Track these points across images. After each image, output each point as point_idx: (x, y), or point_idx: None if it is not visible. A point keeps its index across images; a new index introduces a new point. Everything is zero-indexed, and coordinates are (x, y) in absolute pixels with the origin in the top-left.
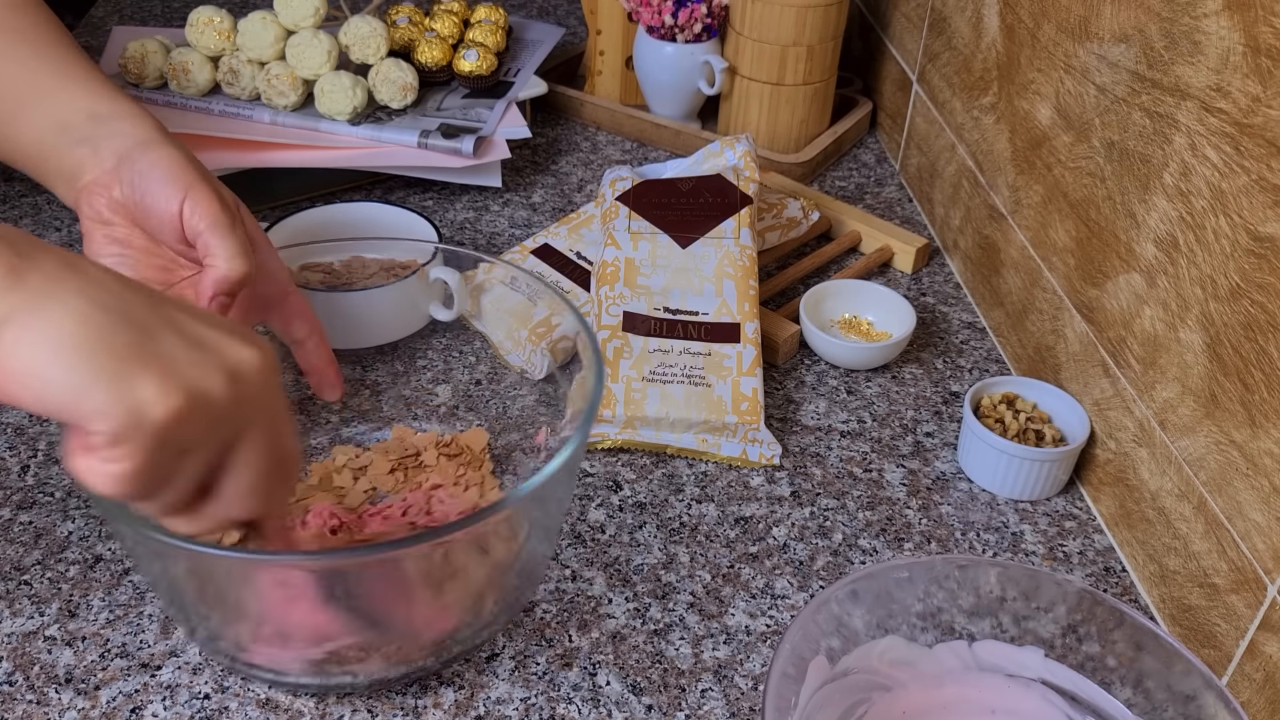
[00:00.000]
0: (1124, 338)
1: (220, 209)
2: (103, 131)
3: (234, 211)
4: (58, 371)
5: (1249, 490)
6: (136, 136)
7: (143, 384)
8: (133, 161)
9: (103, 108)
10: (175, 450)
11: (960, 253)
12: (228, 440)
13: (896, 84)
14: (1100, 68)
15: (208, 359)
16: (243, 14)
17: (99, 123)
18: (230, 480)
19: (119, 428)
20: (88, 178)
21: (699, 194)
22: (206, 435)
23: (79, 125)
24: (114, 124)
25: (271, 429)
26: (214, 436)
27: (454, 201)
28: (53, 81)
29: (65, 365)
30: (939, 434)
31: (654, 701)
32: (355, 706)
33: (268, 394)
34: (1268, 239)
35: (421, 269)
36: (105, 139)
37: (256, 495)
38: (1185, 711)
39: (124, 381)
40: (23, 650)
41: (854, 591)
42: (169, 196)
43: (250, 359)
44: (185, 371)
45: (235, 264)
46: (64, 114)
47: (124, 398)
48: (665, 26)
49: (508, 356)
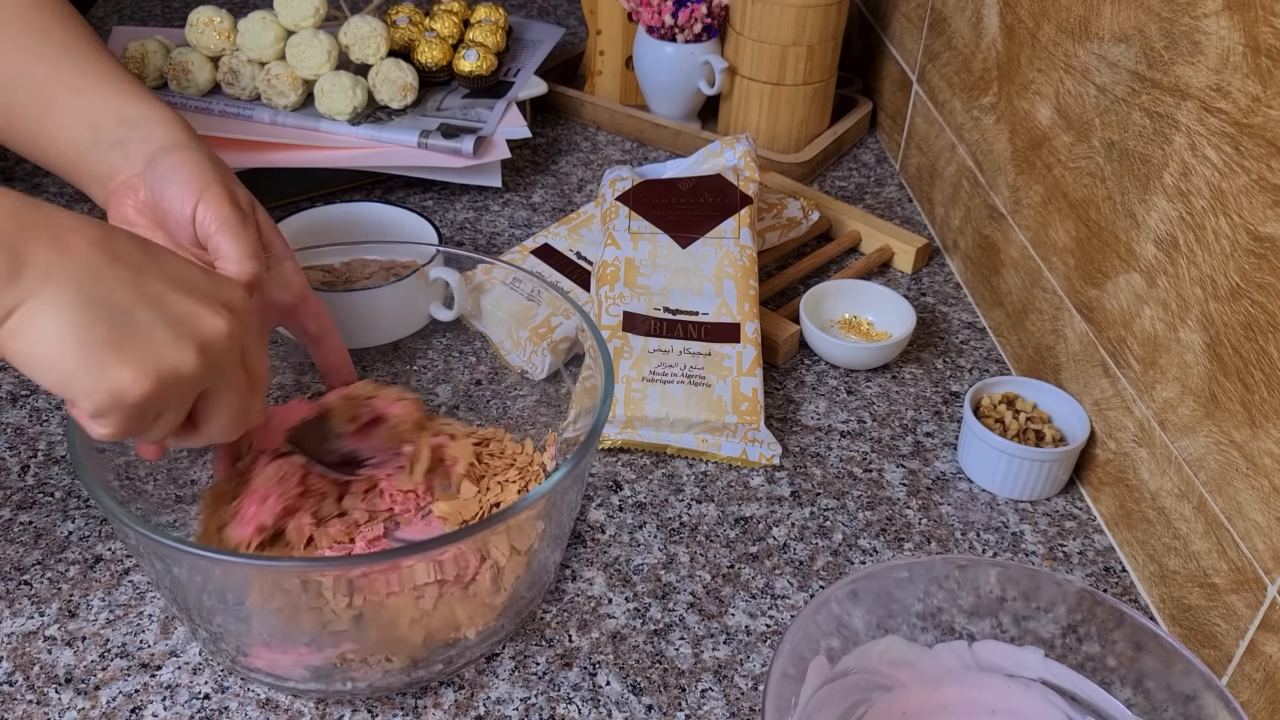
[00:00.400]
0: (1124, 338)
1: (231, 211)
2: (133, 135)
3: (246, 213)
4: (50, 359)
5: (1249, 490)
6: (164, 140)
7: (118, 371)
8: (156, 164)
9: (132, 111)
10: (149, 415)
11: (960, 253)
12: (201, 393)
13: (896, 84)
14: (1100, 68)
15: (179, 337)
16: (243, 14)
17: (130, 126)
18: (208, 420)
19: (99, 407)
20: (118, 180)
21: (699, 194)
22: (180, 399)
23: (110, 129)
24: (144, 128)
25: (239, 373)
26: (185, 398)
27: (454, 201)
28: (83, 82)
29: (56, 354)
30: (939, 434)
31: (654, 701)
32: (355, 707)
33: (233, 354)
34: (1268, 239)
35: (422, 269)
36: (135, 143)
37: (233, 426)
38: (1185, 711)
39: (103, 370)
40: (23, 650)
41: (854, 591)
42: (184, 199)
43: (217, 328)
44: (158, 355)
45: (245, 266)
46: (95, 116)
47: (103, 383)
48: (665, 26)
49: (508, 357)
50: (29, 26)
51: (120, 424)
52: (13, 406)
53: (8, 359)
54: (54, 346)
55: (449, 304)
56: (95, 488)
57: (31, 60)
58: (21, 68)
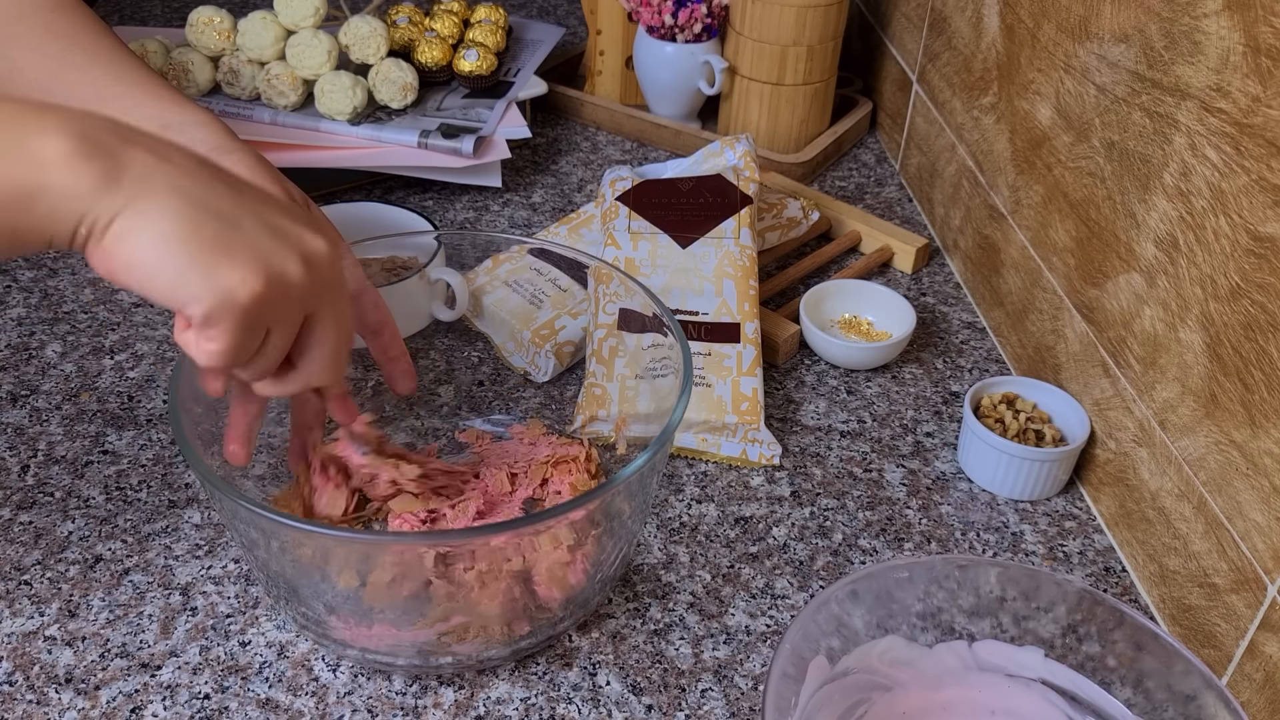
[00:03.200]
0: (1124, 338)
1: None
2: (179, 140)
3: (303, 208)
4: (156, 264)
5: (1249, 490)
6: (210, 144)
7: (229, 271)
8: None
9: (173, 116)
10: (260, 327)
11: (960, 253)
12: (305, 317)
13: (896, 84)
14: (1100, 68)
15: (285, 245)
16: (243, 14)
17: (174, 132)
18: (310, 353)
19: (211, 310)
20: None
21: (699, 194)
22: (287, 313)
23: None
24: (188, 132)
25: (340, 308)
26: (293, 314)
27: (454, 201)
28: (117, 89)
29: (162, 258)
30: (939, 434)
31: (654, 701)
32: (355, 706)
33: (336, 276)
34: (1268, 239)
35: (423, 269)
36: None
37: (334, 365)
38: (1185, 711)
39: (213, 269)
40: (23, 650)
41: (854, 591)
42: None
43: (320, 246)
44: (265, 257)
45: None
46: (132, 122)
47: (214, 284)
48: (665, 26)
49: (510, 358)
50: (52, 33)
51: (230, 336)
52: (13, 406)
53: (112, 275)
54: (160, 250)
55: (451, 304)
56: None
57: (59, 68)
58: (51, 76)
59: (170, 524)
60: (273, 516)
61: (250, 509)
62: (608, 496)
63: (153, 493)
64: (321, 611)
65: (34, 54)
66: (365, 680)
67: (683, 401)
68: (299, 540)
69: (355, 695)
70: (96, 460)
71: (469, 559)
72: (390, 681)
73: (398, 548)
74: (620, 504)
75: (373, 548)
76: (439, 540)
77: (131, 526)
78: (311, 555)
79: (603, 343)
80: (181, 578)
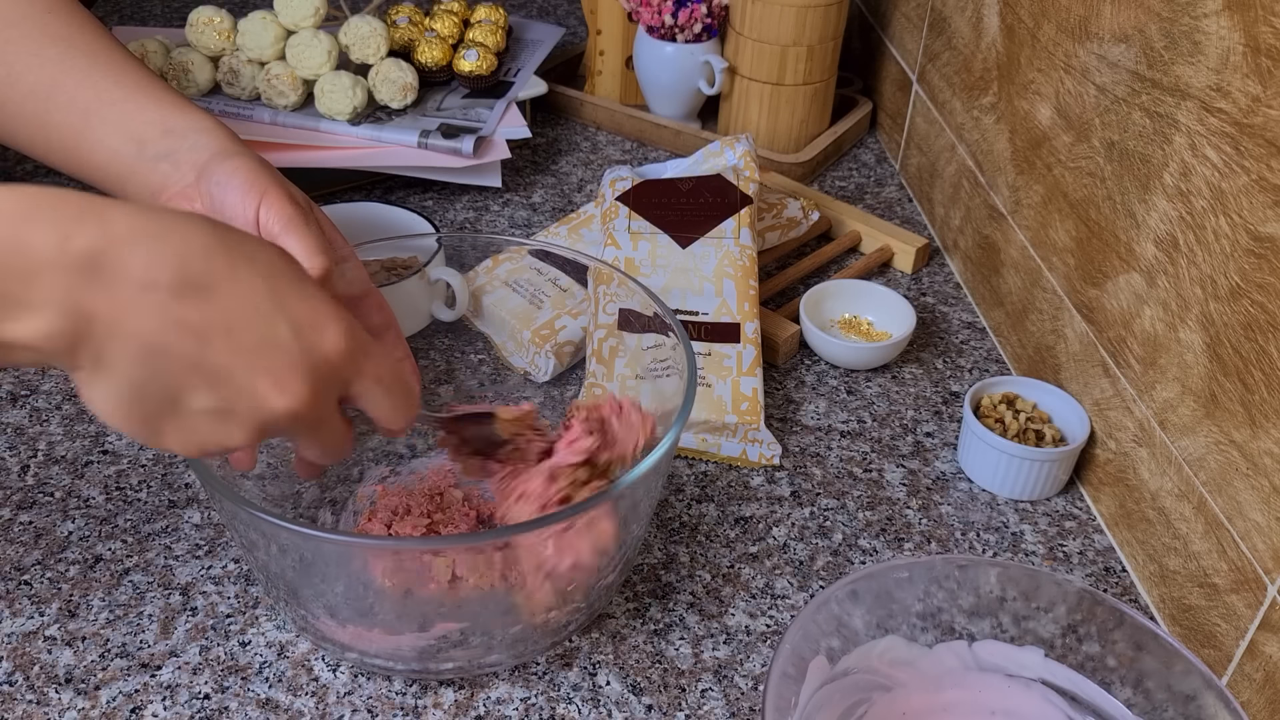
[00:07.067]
0: (1124, 338)
1: (294, 209)
2: (181, 145)
3: (307, 211)
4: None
5: (1249, 490)
6: (213, 148)
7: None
8: (210, 173)
9: (175, 121)
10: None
11: (960, 253)
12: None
13: (896, 84)
14: (1100, 68)
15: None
16: (243, 14)
17: (176, 137)
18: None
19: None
20: (170, 192)
21: (699, 194)
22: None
23: (155, 140)
24: (191, 137)
25: (379, 370)
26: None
27: (454, 201)
28: (118, 92)
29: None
30: (939, 434)
31: (654, 701)
32: (355, 706)
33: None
34: (1268, 239)
35: (423, 269)
36: (184, 153)
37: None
38: (1185, 711)
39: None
40: (23, 650)
41: (854, 591)
42: (245, 203)
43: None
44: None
45: (313, 261)
46: (136, 127)
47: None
48: (665, 26)
49: (510, 358)
50: (50, 36)
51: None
52: (13, 406)
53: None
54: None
55: (451, 304)
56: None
57: (59, 72)
58: (51, 81)
59: (170, 524)
60: (273, 520)
61: (251, 512)
62: (613, 500)
63: (153, 493)
64: (321, 614)
65: (32, 58)
66: (365, 680)
67: (687, 404)
68: (300, 542)
69: (355, 695)
70: (96, 460)
71: (470, 564)
72: (390, 681)
73: (399, 552)
74: (624, 509)
75: (374, 552)
76: (442, 545)
77: (131, 526)
78: (312, 557)
79: (603, 343)
80: (181, 578)
